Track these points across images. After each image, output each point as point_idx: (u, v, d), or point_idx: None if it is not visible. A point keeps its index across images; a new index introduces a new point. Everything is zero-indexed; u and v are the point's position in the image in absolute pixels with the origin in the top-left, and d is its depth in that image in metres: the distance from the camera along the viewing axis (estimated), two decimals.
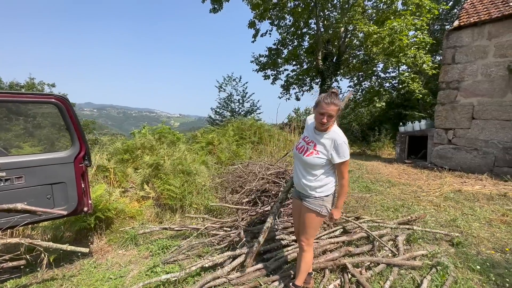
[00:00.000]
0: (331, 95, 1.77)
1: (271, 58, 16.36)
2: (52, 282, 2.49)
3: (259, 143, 7.38)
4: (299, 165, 2.00)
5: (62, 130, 2.44)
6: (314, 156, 1.87)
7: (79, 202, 2.48)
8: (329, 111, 1.74)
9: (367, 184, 5.66)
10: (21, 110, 11.45)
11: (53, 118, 10.29)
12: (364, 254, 2.71)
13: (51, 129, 11.04)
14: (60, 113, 2.29)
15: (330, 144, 1.84)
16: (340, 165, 1.85)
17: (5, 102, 2.07)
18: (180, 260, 2.79)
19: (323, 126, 1.81)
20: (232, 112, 19.45)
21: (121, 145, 5.73)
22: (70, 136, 2.42)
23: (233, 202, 3.58)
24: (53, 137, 10.48)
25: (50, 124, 11.53)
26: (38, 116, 12.84)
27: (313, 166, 1.88)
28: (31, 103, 2.20)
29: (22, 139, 9.46)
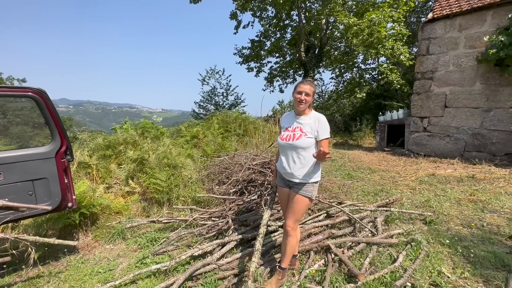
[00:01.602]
0: (306, 79, 2.06)
1: (254, 51, 16.29)
2: (38, 280, 2.46)
3: (244, 136, 7.43)
4: (288, 154, 2.05)
5: (41, 125, 2.35)
6: (303, 138, 1.98)
7: (63, 197, 2.44)
8: (306, 89, 1.97)
9: (349, 172, 5.90)
10: None
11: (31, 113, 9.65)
12: (346, 235, 2.88)
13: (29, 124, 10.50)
14: (38, 107, 2.22)
15: (314, 123, 2.00)
16: (322, 142, 1.98)
17: None
18: (170, 251, 2.83)
19: (302, 104, 1.98)
20: (216, 106, 19.26)
21: (103, 141, 5.59)
22: (50, 130, 2.35)
23: (220, 193, 3.63)
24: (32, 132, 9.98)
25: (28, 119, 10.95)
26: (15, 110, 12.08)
27: (305, 149, 1.98)
28: (7, 97, 2.11)
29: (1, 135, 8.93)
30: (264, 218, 2.31)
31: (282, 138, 2.08)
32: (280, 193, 2.29)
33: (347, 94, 15.62)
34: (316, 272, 2.31)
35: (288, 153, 2.05)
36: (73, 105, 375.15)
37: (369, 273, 2.23)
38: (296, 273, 2.34)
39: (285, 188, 2.20)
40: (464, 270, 2.27)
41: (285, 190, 2.19)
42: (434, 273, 2.20)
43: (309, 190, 2.03)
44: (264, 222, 2.26)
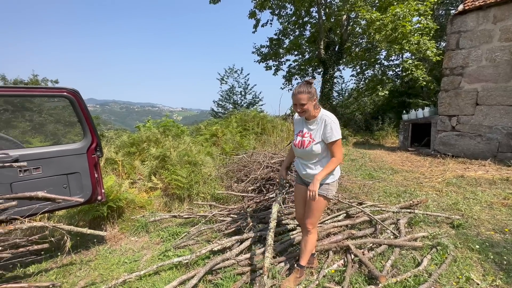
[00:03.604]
0: (300, 85, 1.91)
1: (273, 49, 16.23)
2: (71, 267, 2.65)
3: (262, 134, 7.45)
4: (302, 158, 2.06)
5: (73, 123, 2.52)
6: (312, 144, 1.94)
7: (93, 191, 2.61)
8: (299, 100, 1.87)
9: (370, 172, 5.73)
10: (35, 105, 11.61)
11: (65, 112, 10.35)
12: (366, 236, 2.81)
13: (62, 122, 11.34)
14: (72, 106, 2.39)
15: (321, 126, 1.93)
16: (331, 145, 1.91)
17: (20, 97, 2.16)
18: (190, 245, 2.93)
19: (301, 114, 1.95)
20: (235, 104, 19.46)
21: (127, 138, 5.86)
22: (82, 128, 2.52)
23: (239, 190, 3.69)
24: (67, 130, 10.74)
25: (61, 117, 11.83)
26: (51, 109, 13.04)
27: (316, 154, 1.95)
28: (45, 97, 2.29)
29: (37, 132, 9.71)
30: (273, 212, 2.31)
31: (295, 143, 2.08)
32: (296, 190, 2.29)
33: (368, 92, 15.15)
34: (335, 272, 2.29)
35: (302, 157, 2.07)
36: (99, 105, 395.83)
37: (391, 276, 2.17)
38: (315, 272, 2.33)
39: (302, 185, 2.20)
40: (496, 278, 2.14)
41: (302, 187, 2.19)
42: (462, 279, 2.10)
43: (324, 189, 2.00)
44: (273, 216, 2.26)
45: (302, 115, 1.98)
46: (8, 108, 14.14)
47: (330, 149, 1.93)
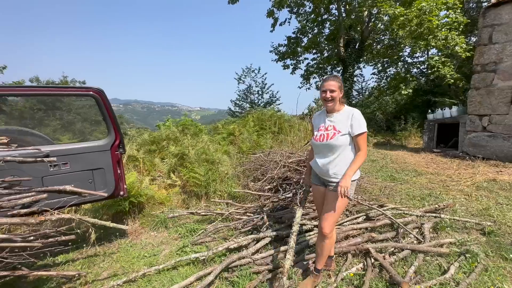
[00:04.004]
0: (329, 75, 2.01)
1: (291, 47, 16.04)
2: (95, 258, 2.79)
3: (279, 133, 7.40)
4: (324, 153, 1.98)
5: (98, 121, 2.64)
6: (337, 136, 1.89)
7: (116, 186, 2.72)
8: (330, 86, 1.89)
9: (392, 173, 5.51)
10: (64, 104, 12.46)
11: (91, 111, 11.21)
12: (388, 240, 2.70)
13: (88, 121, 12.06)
14: (97, 104, 2.50)
15: (347, 118, 1.91)
16: (358, 137, 1.87)
17: (52, 96, 2.29)
18: (207, 242, 2.97)
19: (330, 102, 1.92)
20: (252, 104, 19.50)
21: (148, 136, 6.06)
22: (107, 125, 2.63)
23: (255, 189, 3.68)
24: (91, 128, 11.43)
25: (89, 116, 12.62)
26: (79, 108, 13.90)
27: (338, 147, 1.89)
28: (73, 96, 2.42)
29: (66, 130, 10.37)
30: (297, 216, 2.29)
31: (316, 138, 2.02)
32: (315, 192, 2.21)
33: (390, 90, 14.55)
34: (354, 275, 2.22)
35: (323, 153, 1.99)
36: (123, 104, 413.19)
37: (414, 283, 2.06)
38: (332, 274, 2.28)
39: (320, 186, 2.12)
40: None
41: (321, 188, 2.12)
42: None
43: None
44: (297, 220, 2.24)
45: (329, 105, 1.93)
46: (41, 108, 15.16)
47: (357, 142, 1.89)
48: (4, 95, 3.20)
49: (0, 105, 12.58)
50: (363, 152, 1.89)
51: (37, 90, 2.29)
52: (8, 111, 14.06)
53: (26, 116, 14.76)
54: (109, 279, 2.40)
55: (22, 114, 14.60)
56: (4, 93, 2.47)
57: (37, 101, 15.52)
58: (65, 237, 1.87)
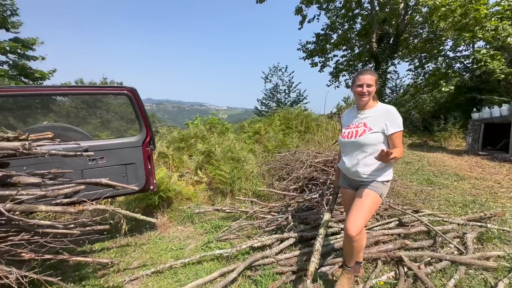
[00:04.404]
0: (364, 69, 1.89)
1: (319, 45, 15.64)
2: (127, 248, 2.95)
3: (306, 133, 7.25)
4: (352, 152, 1.85)
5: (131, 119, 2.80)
6: (368, 133, 1.76)
7: (146, 180, 2.85)
8: (366, 80, 1.76)
9: (429, 177, 5.10)
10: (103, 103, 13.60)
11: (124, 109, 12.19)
12: (423, 249, 2.49)
13: (122, 118, 13.00)
14: (131, 103, 2.65)
15: (381, 115, 1.77)
16: (394, 136, 1.73)
17: (92, 95, 2.47)
18: (231, 239, 2.99)
19: (364, 97, 1.78)
20: (278, 103, 19.39)
21: (177, 134, 6.30)
22: (139, 123, 2.77)
23: (280, 188, 3.63)
24: (126, 126, 12.30)
25: (124, 114, 13.63)
26: (116, 107, 15.08)
27: (369, 146, 1.76)
28: (110, 94, 2.59)
29: (104, 127, 11.26)
30: (324, 219, 2.20)
31: (344, 135, 1.89)
32: (344, 195, 2.08)
33: (428, 88, 13.53)
34: (384, 284, 2.08)
35: (352, 152, 1.85)
36: (155, 104, 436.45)
37: None
38: (361, 281, 2.15)
39: (349, 189, 2.00)
40: None
41: (349, 191, 1.99)
42: None
43: (378, 186, 1.78)
44: (324, 222, 2.15)
45: (364, 99, 1.79)
46: (84, 107, 16.59)
47: (392, 141, 1.74)
48: (53, 95, 3.53)
49: (50, 104, 14.01)
50: (399, 149, 1.73)
51: (80, 89, 2.51)
52: (57, 110, 15.59)
53: (71, 114, 16.23)
54: (139, 269, 2.52)
55: (69, 113, 16.08)
56: (53, 92, 2.72)
57: (81, 101, 17.00)
58: (100, 227, 2.00)
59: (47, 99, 13.77)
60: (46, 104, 14.37)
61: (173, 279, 2.33)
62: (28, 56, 11.65)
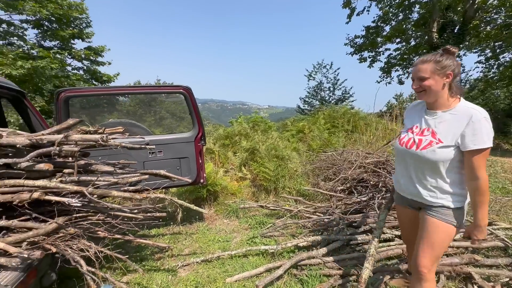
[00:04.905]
0: (422, 56, 1.36)
1: (369, 38, 14.62)
2: (179, 236, 3.18)
3: (353, 132, 6.86)
4: (409, 165, 1.43)
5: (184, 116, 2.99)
6: (435, 147, 1.30)
7: (198, 174, 3.04)
8: (418, 71, 1.33)
9: (504, 185, 4.37)
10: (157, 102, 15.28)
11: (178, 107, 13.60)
12: (500, 267, 2.15)
13: (175, 117, 14.38)
14: (185, 100, 2.84)
15: (461, 120, 1.26)
16: (474, 155, 1.23)
17: (151, 93, 2.72)
18: (276, 236, 3.00)
19: (421, 96, 1.37)
20: (322, 101, 18.79)
21: (223, 132, 6.56)
22: (192, 119, 2.96)
23: (327, 188, 3.51)
24: (174, 122, 13.56)
25: (177, 111, 15.14)
26: (171, 105, 16.69)
27: (437, 164, 1.31)
28: (167, 93, 2.82)
29: (156, 124, 12.44)
30: (379, 219, 2.02)
31: (402, 141, 1.45)
32: (400, 213, 1.71)
33: (503, 82, 11.61)
34: None
35: (409, 165, 1.43)
36: (200, 103, 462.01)
37: None
38: None
39: (408, 208, 1.60)
40: None
41: (408, 211, 1.60)
42: None
43: (452, 215, 1.35)
44: (380, 224, 1.99)
45: (421, 97, 1.38)
46: (141, 106, 18.38)
47: (470, 162, 1.24)
48: (118, 94, 3.99)
49: (114, 104, 15.94)
50: (483, 181, 1.23)
51: (145, 89, 2.78)
52: (119, 109, 17.64)
53: (130, 112, 18.19)
54: (190, 256, 2.70)
55: (129, 111, 18.05)
56: (126, 92, 3.09)
57: (139, 101, 18.96)
58: (159, 214, 2.19)
59: (112, 99, 15.65)
60: (111, 103, 16.35)
61: (221, 269, 2.43)
62: (97, 62, 13.35)
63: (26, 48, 11.20)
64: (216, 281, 2.24)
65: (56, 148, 1.60)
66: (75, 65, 12.89)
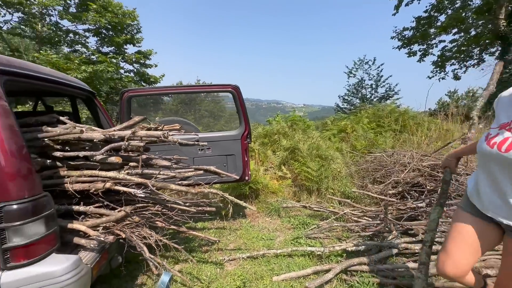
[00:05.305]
0: None
1: (419, 30, 13.39)
2: (223, 231, 3.28)
3: (401, 132, 6.36)
4: (502, 174, 1.11)
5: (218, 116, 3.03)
6: None
7: (243, 171, 3.09)
8: None
9: None
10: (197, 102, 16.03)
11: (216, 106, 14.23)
12: None
13: (216, 114, 15.12)
14: (234, 99, 2.91)
15: None
16: None
17: (201, 92, 2.84)
18: (321, 238, 2.91)
19: None
20: (363, 99, 17.84)
21: (262, 130, 6.60)
22: (239, 117, 3.02)
23: (376, 192, 3.30)
24: (212, 121, 14.20)
25: (215, 110, 15.90)
26: (205, 106, 17.43)
27: None
28: (217, 92, 2.93)
29: (196, 122, 13.05)
30: (431, 219, 1.69)
31: (492, 141, 1.15)
32: (460, 220, 1.36)
33: None
34: None
35: (502, 174, 1.11)
36: None
37: None
38: None
39: (477, 218, 1.28)
40: None
41: (479, 221, 1.28)
42: None
43: None
44: (431, 225, 1.67)
45: None
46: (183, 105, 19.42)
47: None
48: (172, 93, 4.26)
49: (159, 103, 17.14)
50: None
51: (197, 88, 2.93)
52: (163, 108, 18.90)
53: (173, 111, 19.36)
54: (235, 251, 2.76)
55: (171, 110, 19.23)
56: (173, 91, 3.27)
57: (180, 100, 20.10)
58: (208, 208, 2.27)
59: (158, 99, 16.83)
60: (157, 103, 17.57)
61: (266, 266, 2.44)
62: (146, 64, 14.45)
63: (87, 54, 12.63)
64: (263, 278, 2.25)
65: (126, 143, 1.76)
66: (127, 68, 14.14)
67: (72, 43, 12.70)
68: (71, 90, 2.30)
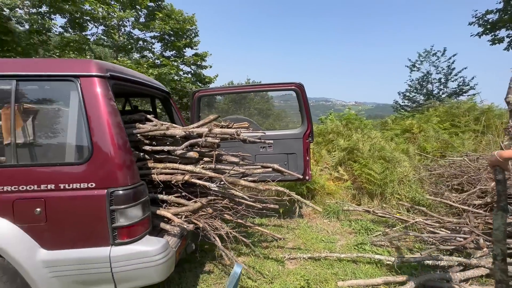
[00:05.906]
0: None
1: (509, 11, 11.23)
2: (280, 228, 3.30)
3: (484, 133, 5.46)
4: None
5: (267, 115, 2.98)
6: None
7: (304, 170, 3.05)
8: None
9: None
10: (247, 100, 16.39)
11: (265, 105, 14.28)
12: None
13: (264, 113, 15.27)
14: (297, 97, 2.88)
15: None
16: None
17: (265, 91, 2.88)
18: (388, 247, 2.70)
19: None
20: (428, 95, 15.88)
21: (316, 129, 6.41)
22: (301, 116, 2.99)
23: (457, 201, 2.90)
24: (265, 119, 14.32)
25: (263, 109, 16.02)
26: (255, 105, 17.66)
27: None
28: (281, 90, 2.95)
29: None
30: (495, 229, 1.37)
31: None
32: None
33: None
34: None
35: None
36: (283, 101, 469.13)
37: None
38: None
39: None
40: None
41: None
42: None
43: None
44: (498, 235, 1.36)
45: None
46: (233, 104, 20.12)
47: None
48: (237, 93, 4.46)
49: (213, 102, 18.11)
50: None
51: (261, 87, 2.99)
52: (216, 106, 19.94)
53: (224, 110, 20.27)
54: (295, 250, 2.75)
55: (223, 108, 20.16)
56: (237, 91, 3.41)
57: (231, 99, 20.93)
58: (272, 205, 2.30)
59: (212, 98, 17.81)
60: (211, 102, 18.60)
61: (329, 270, 2.37)
62: (201, 66, 15.41)
63: (153, 58, 14.06)
64: (328, 282, 2.19)
65: (203, 140, 1.89)
66: (185, 70, 15.30)
67: (141, 49, 14.28)
68: (153, 91, 2.58)
